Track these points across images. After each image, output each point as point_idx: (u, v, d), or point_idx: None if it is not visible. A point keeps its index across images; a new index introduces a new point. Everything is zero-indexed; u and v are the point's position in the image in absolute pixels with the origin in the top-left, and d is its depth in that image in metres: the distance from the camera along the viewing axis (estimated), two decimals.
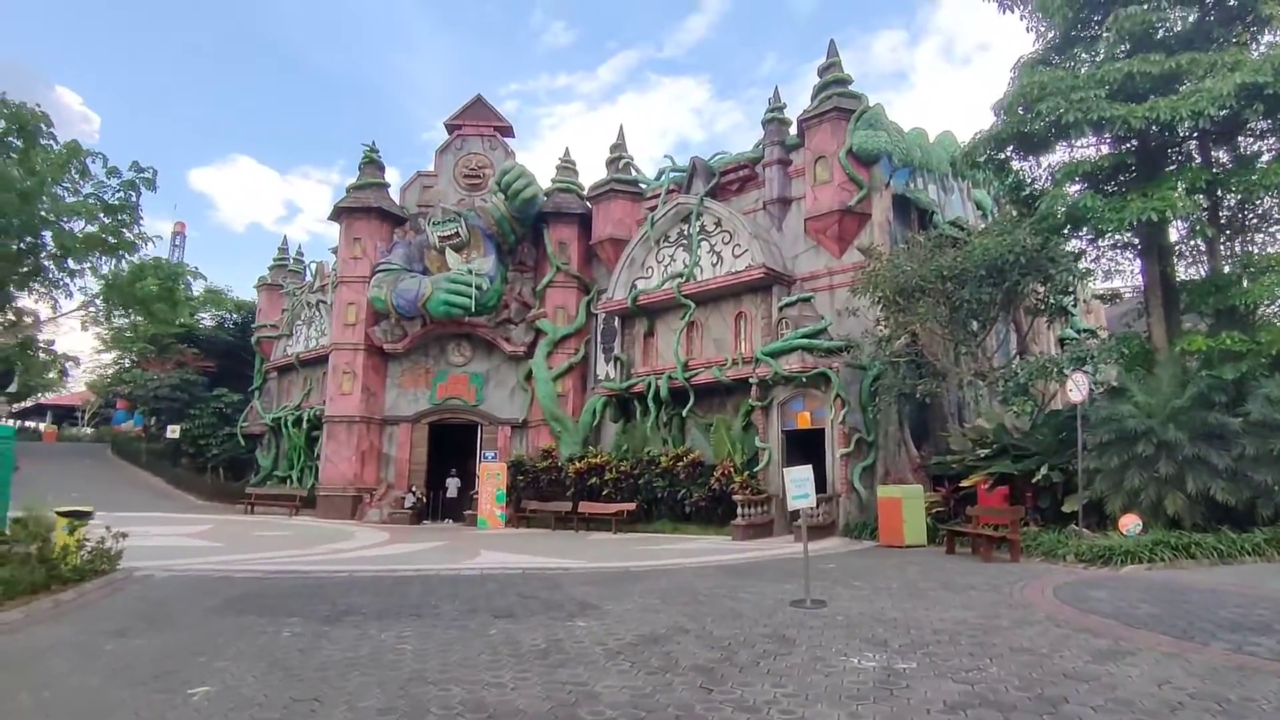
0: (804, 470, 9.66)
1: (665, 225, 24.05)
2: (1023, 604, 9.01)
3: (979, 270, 16.24)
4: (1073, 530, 13.93)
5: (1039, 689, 5.57)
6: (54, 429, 55.48)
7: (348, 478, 26.55)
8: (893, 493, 16.36)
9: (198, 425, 37.41)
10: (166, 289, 8.51)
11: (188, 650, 7.15)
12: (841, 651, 6.80)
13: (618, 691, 5.74)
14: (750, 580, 11.36)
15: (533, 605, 9.40)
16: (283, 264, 37.34)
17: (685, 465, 20.91)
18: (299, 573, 12.62)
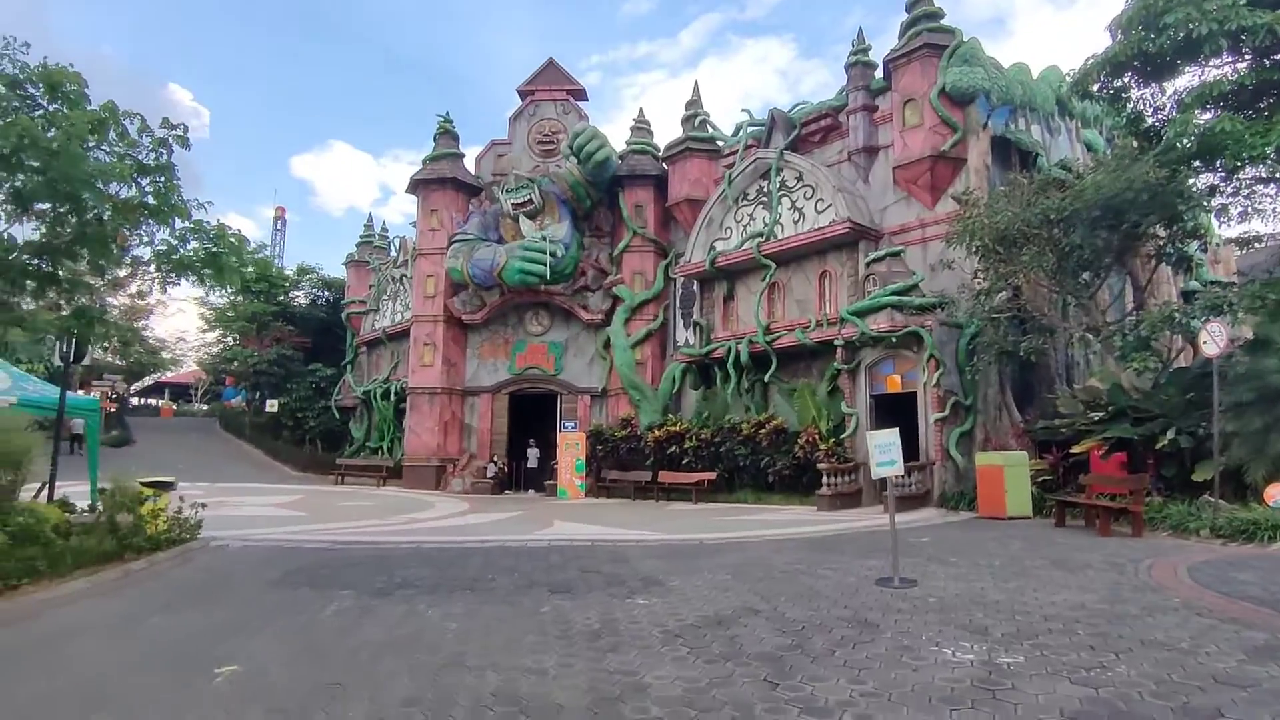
0: (889, 434, 8.65)
1: (743, 183, 22.87)
2: (1152, 586, 7.79)
3: (1091, 211, 14.53)
4: (1206, 501, 12.34)
5: (1183, 696, 4.52)
6: (171, 405, 58.99)
7: (431, 448, 26.80)
8: (993, 460, 15.03)
9: (295, 399, 38.82)
10: (211, 255, 8.28)
11: (229, 627, 6.86)
12: (933, 640, 5.88)
13: (669, 684, 5.03)
14: (832, 555, 10.45)
15: (593, 580, 8.80)
16: (369, 240, 38.04)
17: (767, 433, 19.96)
18: (368, 543, 12.48)
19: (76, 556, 9.09)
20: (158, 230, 9.18)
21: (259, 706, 4.77)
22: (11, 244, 8.63)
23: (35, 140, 6.96)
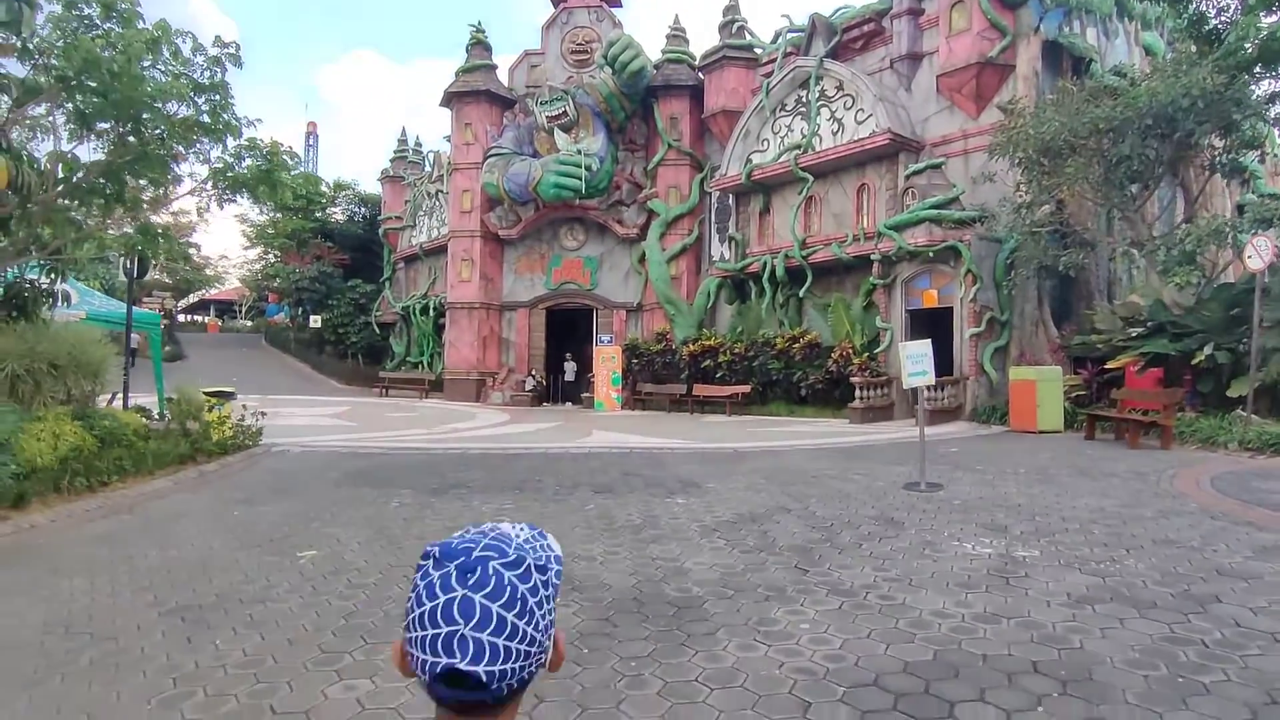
0: (922, 345, 8.88)
1: (781, 92, 22.38)
2: (1172, 493, 8.08)
3: (1144, 120, 14.11)
4: (1238, 415, 12.44)
5: (1185, 585, 4.89)
6: (217, 322, 60.66)
7: (470, 362, 27.52)
8: (1026, 375, 15.16)
9: (337, 315, 39.75)
10: (264, 171, 8.58)
11: (304, 517, 7.51)
12: (955, 536, 6.28)
13: (708, 569, 5.51)
14: (862, 462, 10.86)
15: (634, 482, 9.33)
16: (403, 155, 38.04)
17: (801, 347, 20.20)
18: (418, 449, 13.17)
19: (157, 459, 9.82)
20: (211, 148, 9.50)
21: (341, 580, 5.36)
22: (76, 163, 9.04)
23: (97, 62, 7.24)
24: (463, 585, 0.86)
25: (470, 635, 0.85)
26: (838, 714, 3.27)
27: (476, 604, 0.86)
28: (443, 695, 0.87)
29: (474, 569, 0.87)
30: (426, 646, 0.86)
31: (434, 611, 0.86)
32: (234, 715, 3.34)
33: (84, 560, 5.96)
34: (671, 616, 4.54)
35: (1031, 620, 4.32)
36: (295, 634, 4.33)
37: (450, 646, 0.85)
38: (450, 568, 0.88)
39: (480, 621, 0.85)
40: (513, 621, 0.87)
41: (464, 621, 0.85)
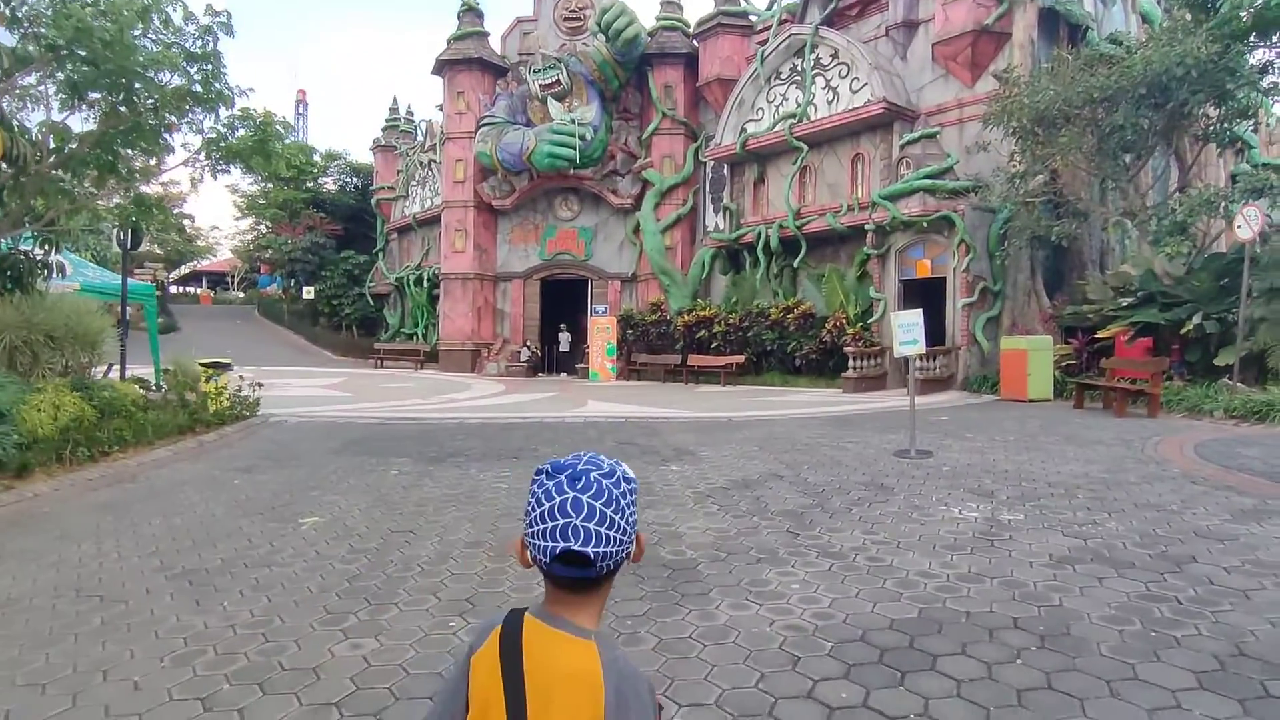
0: (913, 315, 8.98)
1: (776, 60, 22.23)
2: (1156, 459, 8.25)
3: (1138, 89, 14.10)
4: (1224, 384, 12.63)
5: (1162, 546, 5.05)
6: (209, 293, 60.44)
7: (465, 333, 27.56)
8: (1018, 344, 15.31)
9: (330, 286, 39.62)
10: (258, 142, 8.52)
11: (305, 485, 7.63)
12: (942, 501, 6.44)
13: (701, 533, 5.66)
14: (854, 430, 11.01)
15: (629, 450, 9.47)
16: (394, 124, 37.66)
17: (795, 317, 20.30)
18: (415, 419, 13.29)
19: (156, 429, 9.91)
20: (204, 118, 9.46)
21: (344, 545, 5.49)
22: (68, 133, 9.01)
23: (88, 31, 7.20)
24: (573, 489, 1.14)
25: (580, 525, 1.12)
26: (826, 667, 3.41)
27: (584, 502, 1.13)
28: (559, 573, 1.16)
29: (580, 477, 1.15)
30: (546, 535, 1.13)
31: (552, 509, 1.14)
32: (244, 672, 3.47)
33: (90, 527, 6.08)
34: (666, 578, 4.68)
35: (1013, 579, 4.48)
36: (301, 596, 4.46)
37: (566, 534, 1.12)
38: (561, 478, 1.16)
39: (588, 514, 1.13)
40: (610, 516, 1.14)
41: (575, 515, 1.13)
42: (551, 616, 1.19)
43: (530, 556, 1.18)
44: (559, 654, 1.15)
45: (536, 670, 1.15)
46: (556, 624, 1.17)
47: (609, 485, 1.16)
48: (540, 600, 1.21)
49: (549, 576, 1.18)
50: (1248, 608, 4.01)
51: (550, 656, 1.15)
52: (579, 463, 1.18)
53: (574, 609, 1.19)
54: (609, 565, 1.16)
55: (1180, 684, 3.19)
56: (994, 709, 3.01)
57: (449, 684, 1.26)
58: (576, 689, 1.11)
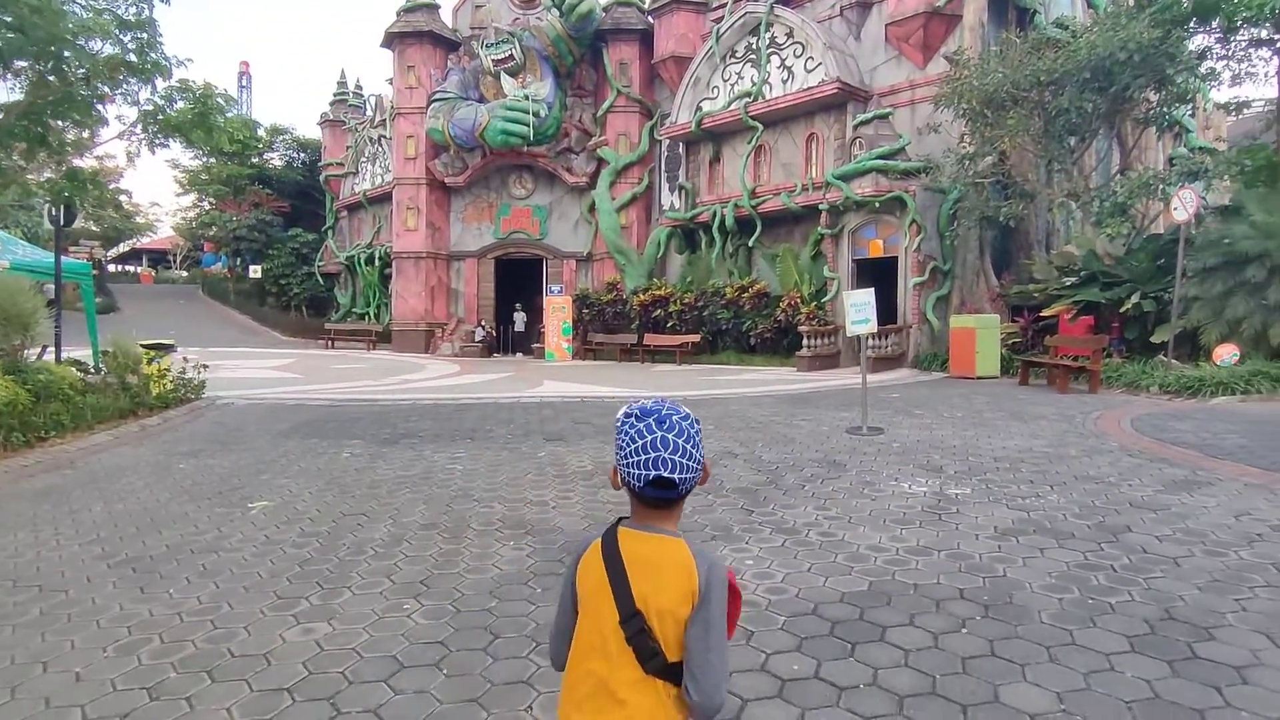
0: (865, 294, 9.12)
1: (731, 39, 22.17)
2: (1095, 434, 8.54)
3: (1082, 73, 14.42)
4: (1160, 361, 13.11)
5: (1100, 517, 5.24)
6: (150, 272, 58.44)
7: (419, 313, 27.16)
8: (966, 322, 15.64)
9: (278, 265, 38.68)
10: (198, 115, 8.17)
11: (253, 469, 7.47)
12: (893, 477, 6.58)
13: None
14: (808, 408, 11.17)
15: (585, 430, 9.47)
16: (343, 99, 36.66)
17: (750, 296, 20.45)
18: (367, 400, 13.08)
19: (95, 413, 9.59)
20: (140, 89, 9.09)
21: (295, 529, 5.40)
22: None
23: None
24: (660, 429, 1.47)
25: (668, 457, 1.46)
26: (778, 641, 3.48)
27: (670, 439, 1.47)
28: (650, 494, 1.50)
29: (665, 420, 1.48)
30: (641, 466, 1.47)
31: (645, 445, 1.47)
32: (192, 660, 3.40)
33: (26, 515, 5.87)
34: None
35: (960, 552, 4.61)
36: (250, 582, 4.38)
37: (656, 464, 1.46)
38: (650, 420, 1.49)
39: (673, 449, 1.47)
40: (689, 449, 1.49)
41: (663, 449, 1.46)
42: (643, 525, 1.54)
43: (622, 481, 1.53)
44: (656, 549, 1.50)
45: (635, 562, 1.49)
46: (648, 530, 1.53)
47: (685, 425, 1.50)
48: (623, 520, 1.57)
49: (640, 497, 1.52)
50: (1177, 574, 4.19)
51: (648, 551, 1.50)
52: (661, 408, 1.50)
53: (660, 520, 1.54)
54: (687, 488, 1.51)
55: (1114, 648, 3.32)
56: (940, 676, 3.11)
57: (561, 592, 1.63)
58: (677, 573, 1.47)
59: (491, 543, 5.05)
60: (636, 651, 1.46)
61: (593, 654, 1.50)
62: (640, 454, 1.46)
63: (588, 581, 1.53)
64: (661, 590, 1.46)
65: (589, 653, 1.51)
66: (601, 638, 1.49)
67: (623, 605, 1.47)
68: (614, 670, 1.47)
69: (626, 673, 1.47)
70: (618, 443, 1.51)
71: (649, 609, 1.46)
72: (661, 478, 1.45)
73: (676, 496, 1.51)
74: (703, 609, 1.45)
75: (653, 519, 1.53)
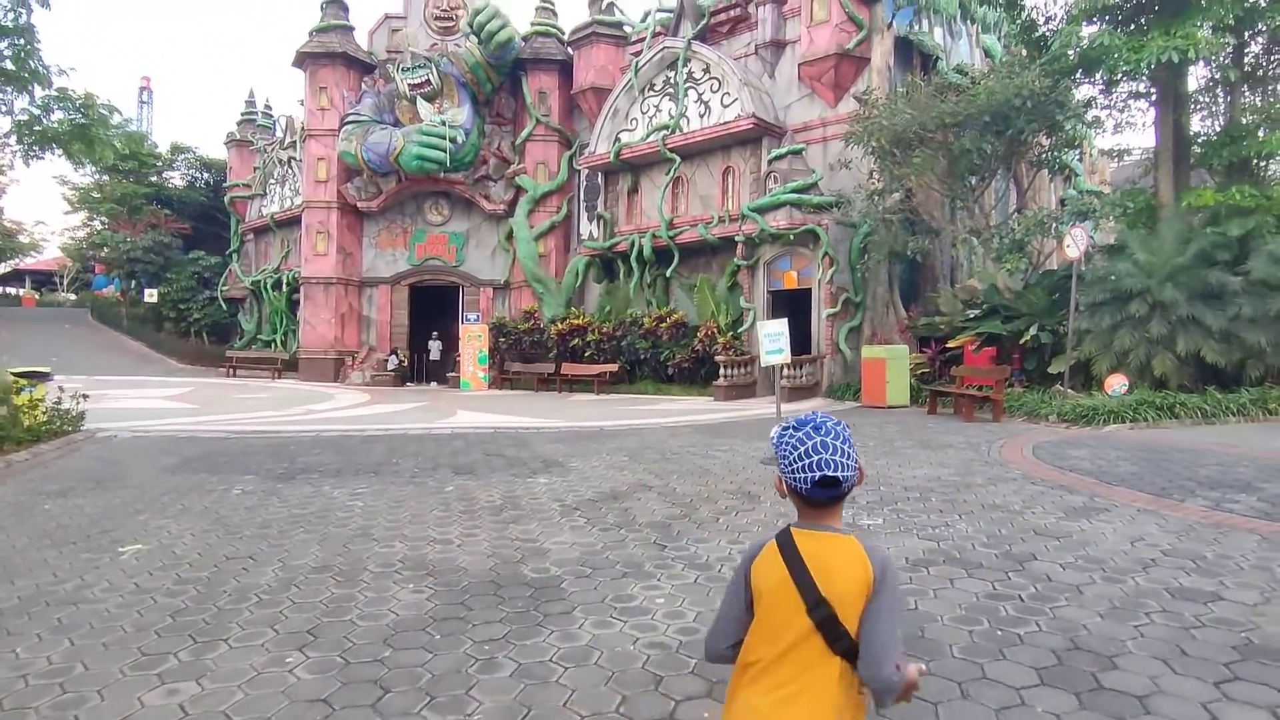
0: (778, 324, 9.19)
1: (650, 72, 22.46)
2: (999, 462, 8.78)
3: (982, 116, 15.16)
4: (1057, 390, 13.71)
5: (1007, 545, 5.31)
6: (33, 295, 54.71)
7: (328, 340, 26.15)
8: (877, 353, 16.05)
9: (176, 289, 36.73)
10: (79, 126, 7.55)
11: (130, 509, 6.88)
12: None
13: (568, 548, 5.48)
14: (724, 439, 11.15)
15: (496, 463, 9.16)
16: (251, 119, 35.37)
17: (668, 326, 20.50)
18: (266, 432, 12.38)
19: None
20: (16, 98, 8.42)
21: (170, 575, 4.93)
22: None
23: None
24: (819, 435, 1.65)
25: (830, 458, 1.63)
26: (689, 686, 3.31)
27: (830, 443, 1.64)
28: (818, 494, 1.66)
29: (820, 426, 1.67)
30: (807, 468, 1.63)
31: (808, 449, 1.64)
32: None
33: None
34: (529, 597, 4.47)
35: None
36: (111, 637, 3.94)
37: (821, 465, 1.62)
38: (807, 428, 1.67)
39: (834, 451, 1.64)
40: (846, 449, 1.66)
41: (825, 452, 1.63)
42: (812, 525, 1.70)
43: (788, 488, 1.70)
44: (830, 545, 1.65)
45: (813, 557, 1.63)
46: (819, 528, 1.69)
47: (840, 430, 1.68)
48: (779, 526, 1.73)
49: (807, 499, 1.68)
50: (1080, 602, 4.24)
51: (823, 547, 1.65)
52: (816, 417, 1.70)
53: (826, 518, 1.70)
54: (849, 485, 1.68)
55: (1024, 681, 3.29)
56: None
57: (732, 591, 1.78)
58: (853, 564, 1.62)
59: (389, 585, 4.72)
60: (825, 635, 1.60)
61: (775, 640, 1.64)
62: (805, 458, 1.64)
63: (768, 579, 1.68)
64: (841, 581, 1.61)
65: (771, 639, 1.65)
66: (786, 626, 1.63)
67: (808, 595, 1.61)
68: (796, 654, 1.62)
69: (808, 655, 1.62)
70: (780, 454, 1.70)
71: (831, 597, 1.59)
72: (827, 477, 1.62)
73: (841, 494, 1.68)
74: (879, 596, 1.60)
75: (820, 518, 1.70)
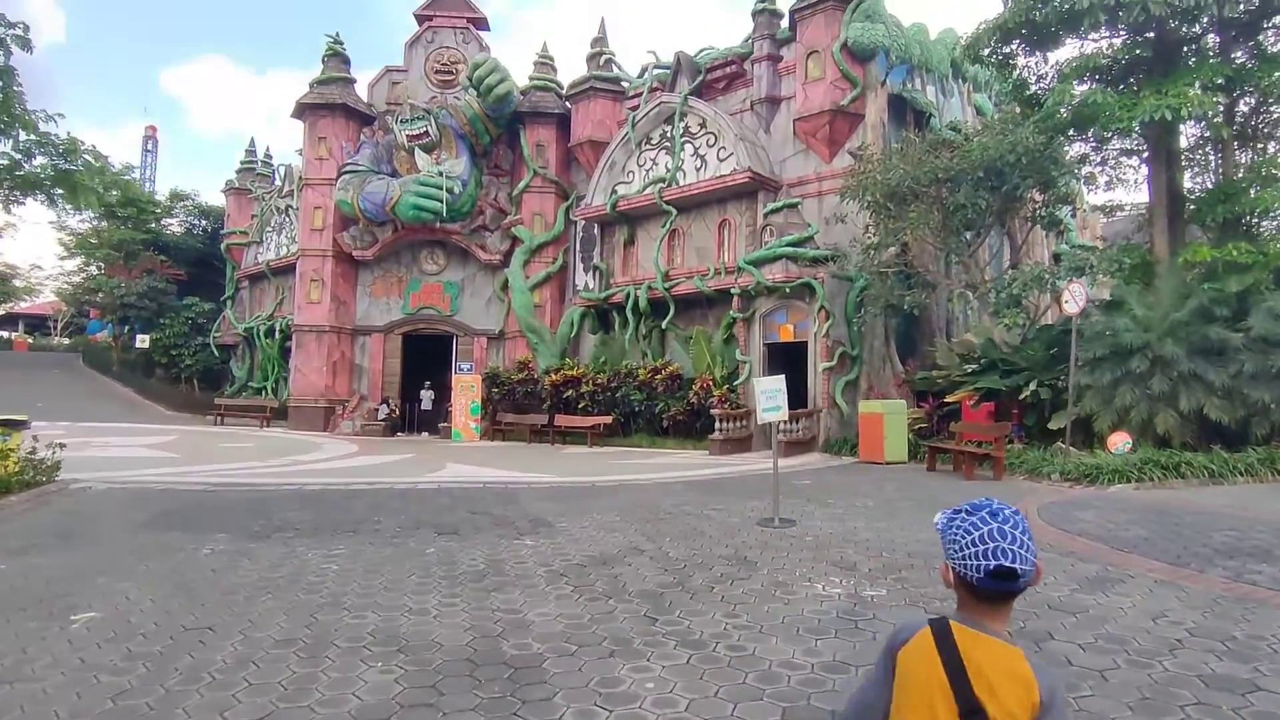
0: (775, 381, 8.93)
1: (647, 126, 22.64)
2: None
3: (976, 172, 15.19)
4: (1058, 448, 13.41)
5: (1020, 622, 4.97)
6: (26, 339, 54.36)
7: (319, 389, 25.81)
8: (874, 408, 15.78)
9: (169, 335, 36.42)
10: (61, 172, 7.39)
11: (92, 570, 6.51)
12: (806, 576, 6.20)
13: (552, 620, 5.12)
14: (718, 497, 10.80)
15: (481, 522, 8.79)
16: (250, 167, 35.59)
17: (663, 378, 20.25)
18: (246, 485, 11.99)
19: None
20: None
21: (120, 649, 4.57)
22: None
23: None
24: (994, 520, 1.51)
25: (1008, 547, 1.48)
26: None
27: (1008, 531, 1.50)
28: (990, 586, 1.50)
29: (997, 513, 1.53)
30: (981, 556, 1.49)
31: (983, 535, 1.49)
32: None
33: None
34: (506, 679, 4.12)
35: None
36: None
37: (996, 554, 1.48)
38: (983, 513, 1.53)
39: (1011, 540, 1.49)
40: (1025, 540, 1.51)
41: (1002, 540, 1.49)
42: (975, 623, 1.53)
43: (956, 576, 1.55)
44: (994, 654, 1.49)
45: (976, 665, 1.47)
46: (983, 630, 1.52)
47: (1018, 519, 1.53)
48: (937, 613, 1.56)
49: (976, 591, 1.52)
50: (1105, 690, 3.91)
51: (987, 656, 1.49)
52: (991, 504, 1.55)
53: (994, 618, 1.54)
54: (1026, 581, 1.51)
55: None
56: None
57: (874, 676, 1.65)
58: (1016, 684, 1.47)
59: (356, 664, 4.36)
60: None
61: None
62: (978, 544, 1.49)
63: (917, 673, 1.53)
64: (1002, 697, 1.47)
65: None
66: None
67: (963, 701, 1.48)
68: None
69: None
70: (949, 539, 1.55)
71: (988, 709, 1.46)
72: (1003, 567, 1.47)
73: (1016, 589, 1.52)
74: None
75: (986, 616, 1.54)
